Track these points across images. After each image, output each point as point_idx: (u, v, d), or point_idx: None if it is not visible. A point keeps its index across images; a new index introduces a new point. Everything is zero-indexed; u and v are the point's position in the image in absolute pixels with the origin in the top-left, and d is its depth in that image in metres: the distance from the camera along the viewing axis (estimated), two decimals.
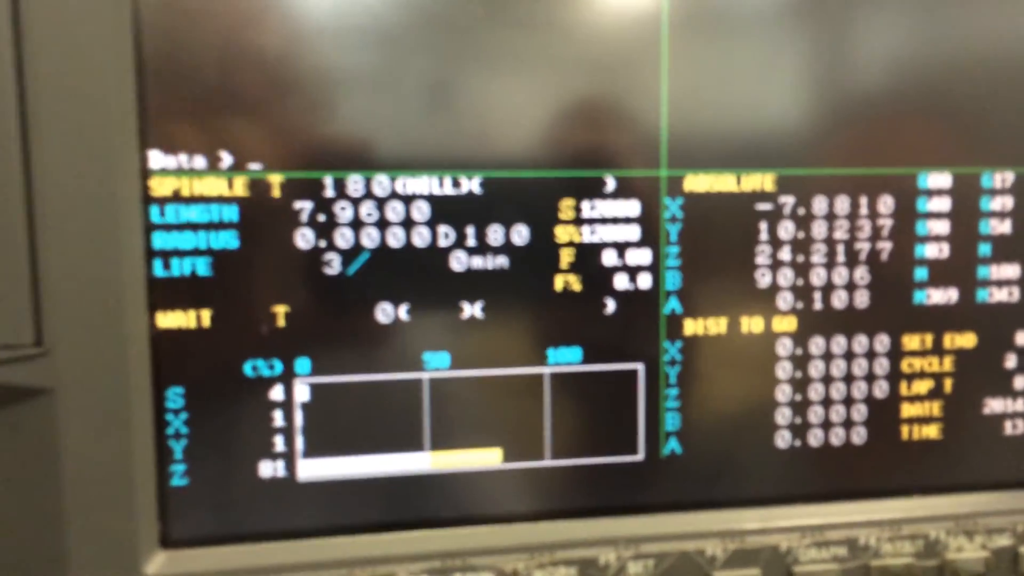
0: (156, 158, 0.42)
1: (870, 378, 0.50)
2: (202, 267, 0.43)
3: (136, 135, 0.42)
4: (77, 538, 0.41)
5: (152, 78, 0.42)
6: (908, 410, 0.51)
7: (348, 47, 0.43)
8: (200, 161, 0.43)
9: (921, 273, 0.50)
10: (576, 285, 0.47)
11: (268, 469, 0.45)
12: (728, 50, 0.47)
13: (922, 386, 0.51)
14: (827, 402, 0.50)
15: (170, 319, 0.43)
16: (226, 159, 0.43)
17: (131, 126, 0.41)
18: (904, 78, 0.49)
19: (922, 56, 0.49)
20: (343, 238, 0.44)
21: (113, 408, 0.41)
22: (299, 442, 0.45)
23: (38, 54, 0.39)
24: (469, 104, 0.45)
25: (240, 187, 0.43)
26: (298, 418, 0.45)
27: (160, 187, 0.43)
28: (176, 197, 0.43)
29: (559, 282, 0.46)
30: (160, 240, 0.43)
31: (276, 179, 0.43)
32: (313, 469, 0.45)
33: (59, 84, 0.39)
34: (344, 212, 0.44)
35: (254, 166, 0.43)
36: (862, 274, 0.49)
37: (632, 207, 0.47)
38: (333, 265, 0.44)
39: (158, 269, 0.43)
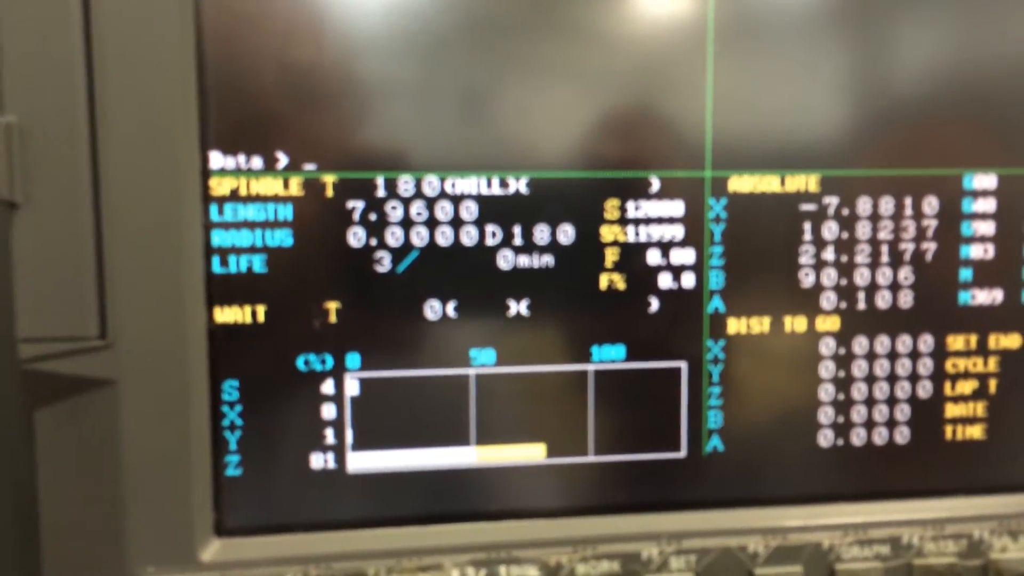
0: (216, 159, 0.43)
1: (914, 378, 0.50)
2: (258, 264, 0.44)
3: (197, 137, 0.43)
4: (136, 525, 0.43)
5: (213, 83, 0.43)
6: (952, 410, 0.50)
7: (400, 52, 0.44)
8: (257, 162, 0.44)
9: (966, 274, 0.50)
10: (620, 284, 0.47)
11: (319, 461, 0.46)
12: (773, 52, 0.47)
13: (966, 386, 0.50)
14: (870, 401, 0.50)
15: (227, 314, 0.44)
16: (282, 160, 0.44)
17: (193, 128, 0.42)
18: (949, 79, 0.48)
19: (967, 57, 0.49)
20: (393, 237, 0.45)
21: (172, 399, 0.42)
22: (349, 435, 0.46)
23: (107, 62, 0.40)
24: (517, 107, 0.46)
25: (295, 187, 0.44)
26: (348, 412, 0.45)
27: (219, 187, 0.43)
28: (234, 196, 0.44)
29: (604, 281, 0.47)
30: (218, 238, 0.44)
31: (330, 179, 0.44)
32: (362, 461, 0.46)
33: (126, 90, 0.40)
34: (395, 211, 0.45)
35: (309, 167, 0.44)
36: (906, 274, 0.49)
37: (676, 207, 0.47)
38: (384, 263, 0.45)
39: (216, 266, 0.44)
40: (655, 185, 0.47)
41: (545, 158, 0.46)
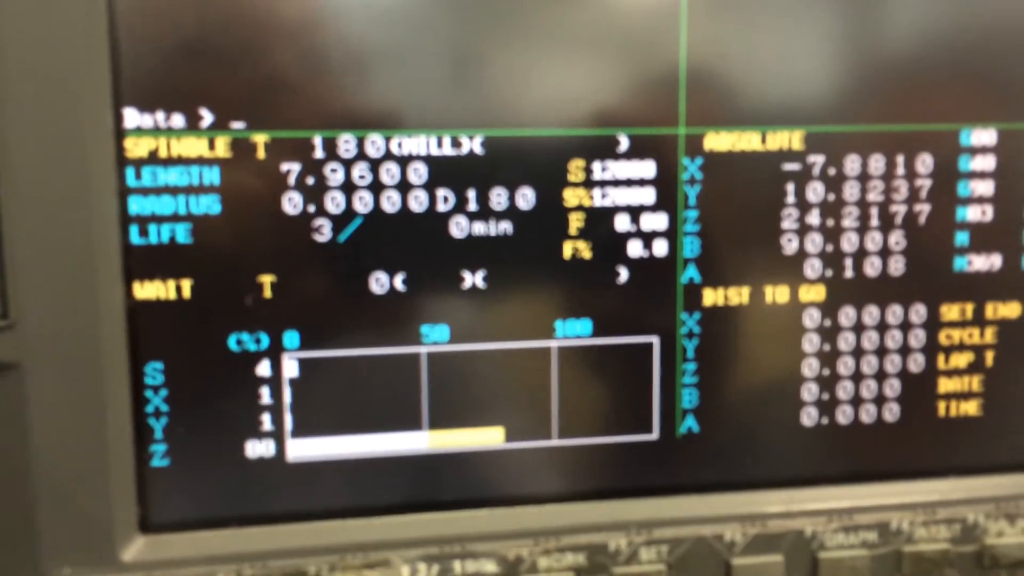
0: (131, 116, 0.41)
1: (904, 351, 0.49)
2: (182, 234, 0.42)
3: (109, 92, 0.41)
4: (49, 524, 0.41)
5: (125, 29, 0.41)
6: (945, 385, 0.49)
7: None
8: (178, 119, 0.42)
9: (962, 238, 0.48)
10: (586, 252, 0.45)
11: (255, 449, 0.44)
12: None
13: (961, 359, 0.49)
14: (857, 377, 0.48)
15: (147, 290, 0.42)
16: (207, 117, 0.42)
17: (103, 82, 0.40)
18: (945, 26, 0.47)
19: (965, 2, 0.47)
20: (334, 202, 0.43)
21: (86, 384, 0.41)
22: (288, 421, 0.44)
23: (1, 10, 0.38)
24: (471, 58, 0.44)
25: (222, 148, 0.42)
26: (287, 395, 0.44)
27: (135, 148, 0.41)
28: (153, 159, 0.42)
29: (568, 249, 0.45)
30: (136, 205, 0.42)
31: (261, 139, 0.42)
32: (303, 449, 0.45)
33: (24, 40, 0.38)
34: (335, 174, 0.43)
35: (237, 125, 0.42)
36: (897, 239, 0.48)
37: (647, 168, 0.45)
38: (323, 231, 0.43)
39: (134, 236, 0.42)
40: (624, 144, 0.45)
41: (502, 114, 0.44)
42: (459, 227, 0.44)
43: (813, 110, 0.46)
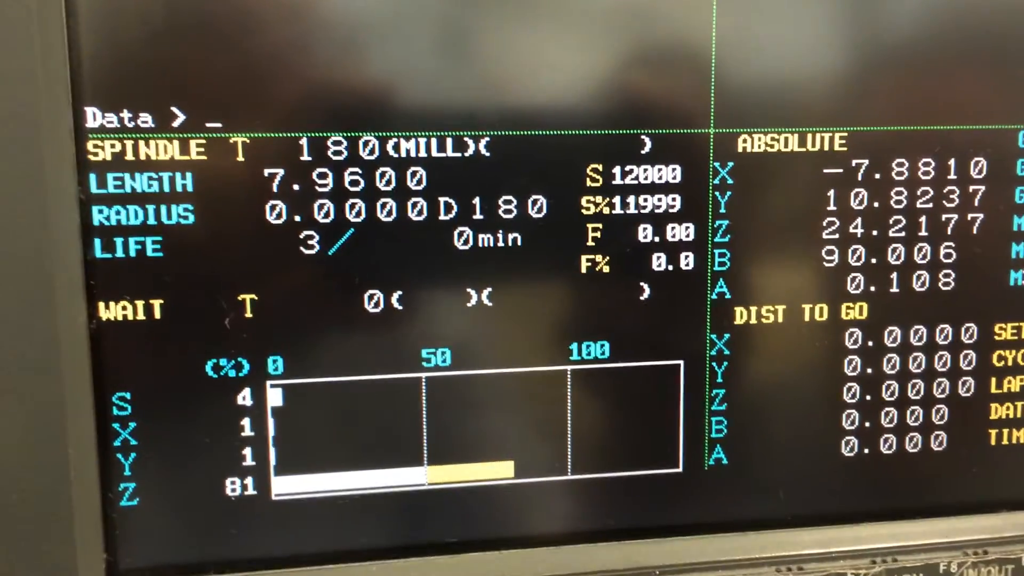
0: (93, 116, 0.39)
1: (954, 374, 0.47)
2: (151, 247, 0.40)
3: (68, 88, 0.38)
4: (4, 572, 0.39)
5: (86, 16, 0.38)
6: (998, 411, 0.48)
7: None
8: (147, 119, 0.40)
9: (1019, 249, 0.47)
10: (605, 266, 0.44)
11: (235, 486, 0.42)
12: None
13: (1016, 382, 0.48)
14: (903, 402, 0.47)
15: (113, 310, 0.40)
16: (179, 116, 0.40)
17: (62, 77, 0.38)
18: (1003, 16, 0.45)
19: None
20: (322, 211, 0.41)
21: (45, 417, 0.39)
22: (272, 455, 0.43)
23: None
24: (477, 48, 0.42)
25: (196, 150, 0.40)
26: (270, 427, 0.42)
27: (99, 151, 0.39)
28: (118, 163, 0.40)
29: (584, 263, 0.44)
30: (100, 215, 0.40)
31: (240, 140, 0.40)
32: (288, 486, 0.43)
33: None
34: (323, 180, 0.41)
35: (213, 124, 0.40)
36: (948, 251, 0.46)
37: (673, 172, 0.44)
38: (311, 243, 0.41)
39: (98, 250, 0.40)
40: (647, 145, 0.43)
41: (511, 113, 0.42)
42: (463, 238, 0.43)
43: (857, 109, 0.44)
